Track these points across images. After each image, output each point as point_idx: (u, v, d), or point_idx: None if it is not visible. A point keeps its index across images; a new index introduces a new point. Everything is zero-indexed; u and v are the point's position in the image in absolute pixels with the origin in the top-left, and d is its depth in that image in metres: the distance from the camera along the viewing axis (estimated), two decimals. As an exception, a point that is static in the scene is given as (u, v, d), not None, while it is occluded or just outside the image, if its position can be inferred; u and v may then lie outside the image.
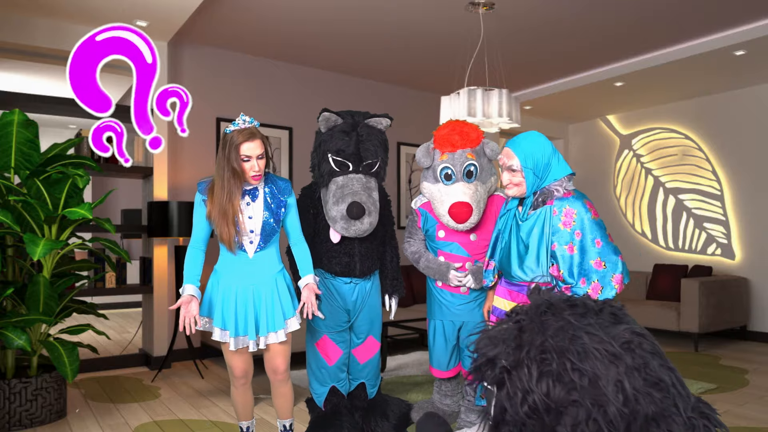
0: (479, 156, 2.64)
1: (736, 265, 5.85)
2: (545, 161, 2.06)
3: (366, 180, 2.63)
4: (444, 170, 2.62)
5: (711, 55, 4.81)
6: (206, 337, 4.67)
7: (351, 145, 2.59)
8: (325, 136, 2.67)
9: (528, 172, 2.06)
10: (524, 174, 2.07)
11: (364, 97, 5.92)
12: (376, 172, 2.70)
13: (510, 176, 2.11)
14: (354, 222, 2.54)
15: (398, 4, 4.09)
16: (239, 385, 2.44)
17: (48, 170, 3.12)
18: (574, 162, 7.50)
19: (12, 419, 2.99)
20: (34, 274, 3.13)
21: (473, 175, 2.61)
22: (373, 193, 2.63)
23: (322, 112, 2.66)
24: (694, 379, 4.03)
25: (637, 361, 0.86)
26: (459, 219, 2.57)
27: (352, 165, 2.61)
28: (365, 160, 2.63)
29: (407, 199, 6.19)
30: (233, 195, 2.25)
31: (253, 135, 2.26)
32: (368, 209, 2.56)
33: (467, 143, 2.62)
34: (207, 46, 4.94)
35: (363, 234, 2.61)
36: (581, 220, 2.00)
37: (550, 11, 4.21)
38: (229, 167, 2.25)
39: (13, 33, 3.92)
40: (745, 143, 5.83)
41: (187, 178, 4.80)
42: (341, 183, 2.59)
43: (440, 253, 2.76)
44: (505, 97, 3.77)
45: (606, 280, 1.99)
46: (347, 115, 2.70)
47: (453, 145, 2.62)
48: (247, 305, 2.33)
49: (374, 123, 2.70)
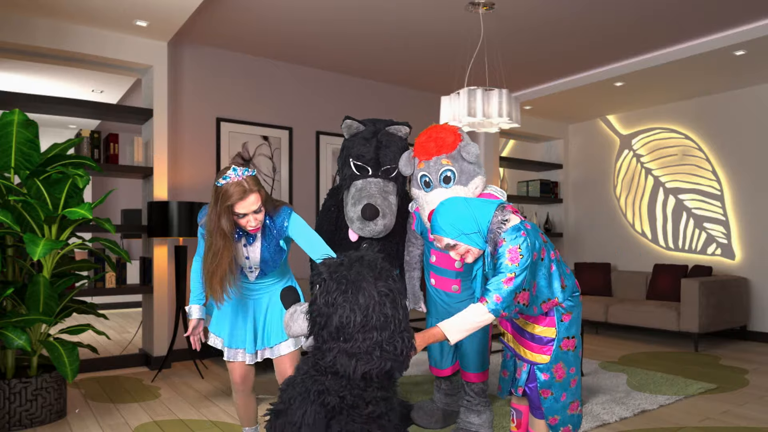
0: (456, 160, 2.65)
1: (736, 265, 5.85)
2: (466, 221, 2.00)
3: (384, 184, 2.77)
4: (422, 178, 2.68)
5: (711, 55, 4.81)
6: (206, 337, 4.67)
7: (371, 150, 2.75)
8: (348, 142, 2.84)
9: (462, 238, 2.01)
10: (460, 241, 2.01)
11: (364, 97, 5.92)
12: (396, 177, 2.82)
13: (455, 253, 2.07)
14: (368, 223, 2.67)
15: (398, 4, 4.09)
16: (239, 391, 2.44)
17: (48, 170, 3.12)
18: (574, 162, 7.50)
19: (12, 419, 2.99)
20: (34, 274, 3.14)
21: (451, 180, 2.63)
22: (389, 197, 2.76)
23: (345, 120, 2.83)
24: (694, 379, 4.03)
25: (381, 298, 1.55)
26: None
27: (372, 169, 2.76)
28: (384, 165, 2.77)
29: (407, 199, 6.20)
30: (222, 257, 2.06)
31: (247, 191, 2.03)
32: (382, 211, 2.69)
33: (442, 149, 2.64)
34: (207, 46, 4.94)
35: (378, 235, 2.74)
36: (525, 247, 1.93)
37: (550, 11, 4.22)
38: (219, 230, 2.06)
39: (13, 33, 3.92)
40: (745, 143, 5.83)
41: (187, 178, 4.80)
42: (360, 186, 2.75)
43: (433, 253, 2.81)
44: (505, 97, 3.77)
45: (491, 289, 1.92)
46: (369, 122, 2.86)
47: (428, 153, 2.66)
48: (247, 318, 2.32)
49: (394, 130, 2.85)
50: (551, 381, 2.09)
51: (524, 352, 2.13)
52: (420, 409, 3.00)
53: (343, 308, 1.51)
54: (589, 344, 5.51)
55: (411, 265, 2.96)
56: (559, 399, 2.10)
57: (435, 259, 2.82)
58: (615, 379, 4.01)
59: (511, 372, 2.21)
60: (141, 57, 4.41)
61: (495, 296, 1.88)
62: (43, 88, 6.12)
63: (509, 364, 2.22)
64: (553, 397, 2.10)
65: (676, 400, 3.51)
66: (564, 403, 2.12)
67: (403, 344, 1.52)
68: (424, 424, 2.94)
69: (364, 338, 1.50)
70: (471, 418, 2.77)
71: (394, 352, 1.51)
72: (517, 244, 1.91)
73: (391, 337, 1.52)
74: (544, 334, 2.08)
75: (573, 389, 2.15)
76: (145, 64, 4.45)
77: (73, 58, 4.29)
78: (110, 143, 4.39)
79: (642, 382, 3.91)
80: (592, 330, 6.34)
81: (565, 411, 2.14)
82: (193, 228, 4.04)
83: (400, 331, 1.53)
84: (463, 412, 2.81)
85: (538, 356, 2.09)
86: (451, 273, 2.77)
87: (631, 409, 3.27)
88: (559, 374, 2.09)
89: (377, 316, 1.51)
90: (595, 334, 6.10)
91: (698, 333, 5.08)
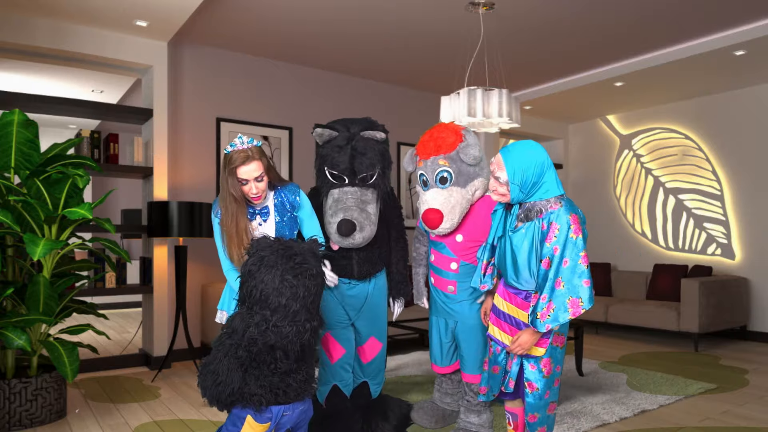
0: (455, 161, 2.64)
1: (736, 265, 5.85)
2: (534, 180, 2.03)
3: (361, 193, 2.68)
4: (421, 177, 2.71)
5: (711, 55, 4.81)
6: (206, 337, 4.67)
7: (345, 160, 2.65)
8: (321, 150, 2.75)
9: (514, 188, 2.04)
10: (510, 188, 2.06)
11: (364, 97, 5.92)
12: (374, 183, 2.73)
13: (496, 185, 2.10)
14: (346, 238, 2.62)
15: (398, 4, 4.09)
16: None
17: (48, 170, 3.12)
18: (574, 162, 7.51)
19: (12, 419, 2.99)
20: (34, 274, 3.13)
21: (447, 181, 2.64)
22: (367, 207, 2.68)
23: (315, 128, 2.72)
24: (694, 379, 4.03)
25: (281, 285, 1.75)
26: (430, 225, 2.64)
27: (348, 179, 2.67)
28: (360, 173, 2.67)
29: (407, 199, 6.20)
30: (238, 218, 2.27)
31: (249, 158, 2.24)
32: (360, 225, 2.62)
33: (441, 149, 2.64)
34: (207, 46, 4.94)
35: (358, 246, 2.69)
36: (561, 236, 1.99)
37: (550, 11, 4.22)
38: (229, 194, 2.27)
39: (13, 33, 3.92)
40: (745, 143, 5.83)
41: (187, 178, 4.80)
42: (336, 197, 2.68)
43: (432, 252, 2.83)
44: (505, 97, 3.77)
45: (560, 301, 1.97)
46: (343, 127, 2.72)
47: (427, 153, 2.68)
48: None
49: (369, 135, 2.71)
50: (538, 375, 2.11)
51: None
52: (420, 409, 3.00)
53: (253, 279, 1.77)
54: (589, 344, 5.51)
55: (417, 262, 2.99)
56: (542, 396, 2.13)
57: (434, 258, 2.83)
58: (615, 379, 4.01)
59: (502, 367, 2.21)
60: (141, 57, 4.41)
61: (584, 281, 1.99)
62: (43, 88, 6.12)
63: (500, 358, 2.21)
64: (538, 393, 2.12)
65: (676, 400, 3.51)
66: (546, 402, 2.14)
67: (291, 330, 1.75)
68: (424, 424, 2.94)
69: (260, 312, 1.76)
70: (471, 418, 2.76)
71: (280, 333, 1.74)
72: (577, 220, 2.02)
73: (282, 320, 1.75)
74: None
75: (555, 389, 2.17)
76: (145, 64, 4.45)
77: (73, 58, 4.29)
78: (110, 143, 4.39)
79: (642, 382, 3.91)
80: (592, 330, 6.34)
81: (545, 410, 2.16)
82: (193, 228, 4.03)
83: (291, 319, 1.75)
84: (463, 412, 2.80)
85: (534, 349, 2.10)
86: (448, 274, 2.77)
87: (631, 409, 3.27)
88: (547, 369, 2.12)
89: (274, 299, 1.74)
90: (595, 334, 6.10)
91: (698, 333, 5.08)
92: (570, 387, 3.77)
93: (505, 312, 2.19)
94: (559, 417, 3.13)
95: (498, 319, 2.22)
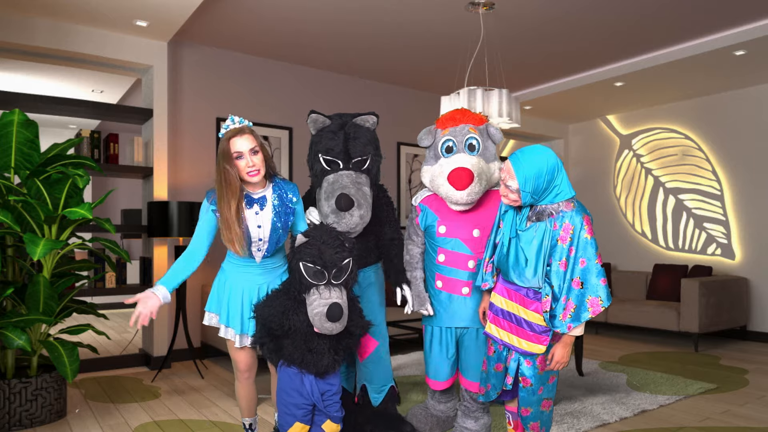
0: (483, 134, 2.60)
1: (736, 265, 5.85)
2: (545, 186, 2.04)
3: (356, 176, 2.64)
4: (445, 143, 2.58)
5: (711, 55, 4.82)
6: (206, 337, 4.67)
7: (339, 143, 2.63)
8: (315, 138, 2.74)
9: (525, 195, 2.05)
10: (521, 195, 2.06)
11: (364, 97, 5.92)
12: (367, 169, 2.69)
13: (506, 191, 2.10)
14: (343, 214, 2.52)
15: (398, 4, 4.09)
16: (243, 379, 2.47)
17: (48, 170, 3.12)
18: (574, 162, 7.51)
19: (12, 419, 2.99)
20: (34, 274, 3.13)
21: (475, 149, 2.56)
22: (363, 188, 2.62)
23: (310, 114, 2.71)
24: (694, 379, 4.03)
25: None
26: (459, 184, 2.43)
27: (342, 163, 2.64)
28: (354, 157, 2.65)
29: (407, 199, 6.19)
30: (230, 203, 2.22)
31: (242, 131, 2.25)
32: (357, 202, 2.55)
33: (470, 120, 2.61)
34: (207, 46, 4.94)
35: (354, 228, 2.58)
36: (576, 237, 2.01)
37: (550, 11, 4.22)
38: (224, 174, 2.23)
39: (13, 33, 3.92)
40: (745, 143, 5.83)
41: (187, 178, 4.80)
42: (332, 180, 2.63)
43: (441, 252, 2.63)
44: (505, 97, 3.77)
45: (580, 300, 1.99)
46: (335, 116, 2.74)
47: (456, 121, 2.61)
48: (243, 299, 2.36)
49: (361, 122, 2.72)
50: (533, 371, 2.12)
51: (519, 342, 2.13)
52: (413, 417, 2.90)
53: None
54: (589, 344, 5.51)
55: (412, 265, 2.76)
56: (535, 392, 2.14)
57: (444, 258, 2.61)
58: (615, 379, 4.01)
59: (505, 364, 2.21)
60: (141, 57, 4.41)
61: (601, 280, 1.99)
62: (43, 88, 6.12)
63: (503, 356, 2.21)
64: (531, 389, 2.13)
65: (676, 400, 3.51)
66: (539, 397, 2.15)
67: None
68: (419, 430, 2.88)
69: None
70: (468, 424, 2.67)
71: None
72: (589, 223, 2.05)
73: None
74: (540, 322, 2.09)
75: (550, 386, 2.18)
76: (145, 64, 4.45)
77: (73, 58, 4.29)
78: (110, 143, 4.39)
79: (642, 382, 3.91)
80: (592, 330, 6.34)
81: (538, 406, 2.16)
82: (193, 228, 4.03)
83: None
84: (460, 416, 2.71)
85: (535, 346, 2.10)
86: (464, 274, 2.59)
87: (631, 409, 3.27)
88: (542, 366, 2.12)
89: None
90: (595, 334, 6.10)
91: (698, 333, 5.08)
92: (570, 387, 3.77)
93: (504, 309, 2.19)
94: (559, 417, 3.12)
95: (496, 316, 2.22)
